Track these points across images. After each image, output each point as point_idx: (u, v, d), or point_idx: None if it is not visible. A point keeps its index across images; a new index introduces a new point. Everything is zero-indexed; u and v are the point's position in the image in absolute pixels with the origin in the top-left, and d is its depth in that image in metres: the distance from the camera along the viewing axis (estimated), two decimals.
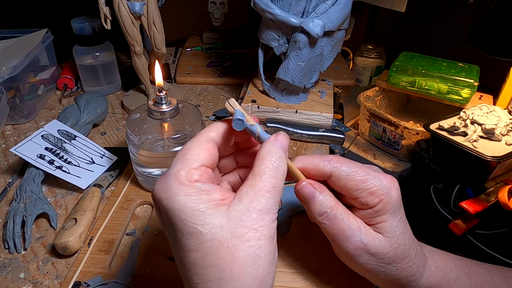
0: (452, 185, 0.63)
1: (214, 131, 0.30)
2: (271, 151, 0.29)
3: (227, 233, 0.25)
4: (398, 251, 0.32)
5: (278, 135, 0.30)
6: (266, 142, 0.30)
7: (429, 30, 1.06)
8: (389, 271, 0.33)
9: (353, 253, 0.32)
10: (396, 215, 0.33)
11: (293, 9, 0.54)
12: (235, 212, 0.26)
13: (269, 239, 0.26)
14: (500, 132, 0.61)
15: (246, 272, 0.25)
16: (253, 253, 0.25)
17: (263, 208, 0.27)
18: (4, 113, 0.63)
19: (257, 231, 0.26)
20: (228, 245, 0.25)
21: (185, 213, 0.26)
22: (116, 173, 0.56)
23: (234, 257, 0.25)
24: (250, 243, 0.25)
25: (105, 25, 0.62)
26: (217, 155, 0.30)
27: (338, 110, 0.80)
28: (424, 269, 0.35)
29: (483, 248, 0.57)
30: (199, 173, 0.27)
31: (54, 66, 0.81)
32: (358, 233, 0.32)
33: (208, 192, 0.27)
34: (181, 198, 0.26)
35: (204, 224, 0.25)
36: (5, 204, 0.52)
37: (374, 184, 0.32)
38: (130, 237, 0.46)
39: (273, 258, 0.27)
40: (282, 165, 0.29)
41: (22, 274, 0.42)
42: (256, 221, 0.26)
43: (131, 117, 0.48)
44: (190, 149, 0.29)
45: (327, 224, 0.32)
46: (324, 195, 0.33)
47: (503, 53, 0.69)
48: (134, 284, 0.40)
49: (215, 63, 0.89)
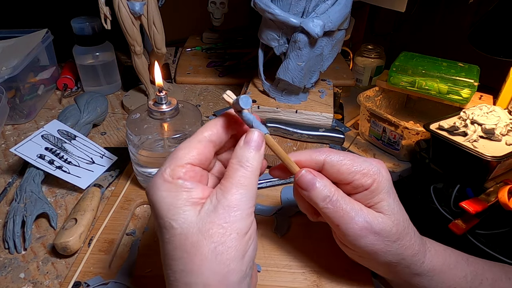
0: (452, 185, 0.63)
1: (208, 130, 0.31)
2: (237, 155, 0.30)
3: (194, 228, 0.27)
4: (399, 228, 0.34)
5: (248, 135, 0.31)
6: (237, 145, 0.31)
7: (429, 30, 1.06)
8: (394, 249, 0.33)
9: (359, 234, 0.33)
10: (390, 193, 0.34)
11: (293, 9, 0.54)
12: (205, 210, 0.28)
13: (235, 235, 0.27)
14: (500, 132, 0.61)
15: (205, 266, 0.26)
16: (214, 248, 0.26)
17: (230, 204, 0.28)
18: (4, 113, 0.63)
19: (222, 228, 0.27)
20: (193, 240, 0.27)
21: (163, 208, 0.28)
22: (116, 173, 0.56)
23: (197, 251, 0.26)
24: (212, 239, 0.27)
25: (105, 25, 0.62)
26: (209, 154, 0.31)
27: (338, 110, 0.80)
28: (425, 250, 0.36)
29: (483, 248, 0.57)
30: (184, 170, 0.29)
31: (54, 66, 0.81)
32: (361, 213, 0.33)
33: (188, 189, 0.28)
34: (162, 193, 0.28)
35: (177, 219, 0.27)
36: (5, 204, 0.52)
37: (365, 166, 0.34)
38: (130, 237, 0.46)
39: (242, 254, 0.27)
40: (250, 163, 0.30)
41: (22, 274, 0.42)
42: (222, 218, 0.27)
43: (131, 117, 0.48)
44: (180, 149, 0.30)
45: (331, 208, 0.33)
46: (323, 181, 0.34)
47: (503, 53, 0.69)
48: (134, 284, 0.40)
49: (215, 63, 0.89)
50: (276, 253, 0.44)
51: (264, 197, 0.53)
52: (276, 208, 0.50)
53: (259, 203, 0.51)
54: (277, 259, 0.43)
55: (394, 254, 0.34)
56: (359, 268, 0.41)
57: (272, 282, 0.41)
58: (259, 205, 0.51)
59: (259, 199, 0.52)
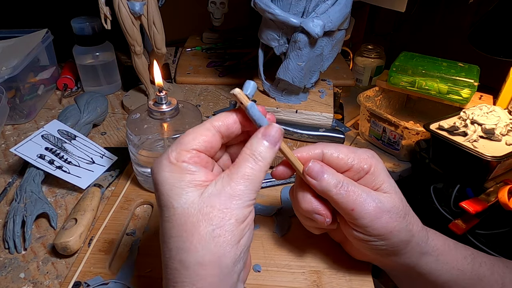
0: (452, 185, 0.63)
1: (219, 121, 0.32)
2: (252, 144, 0.31)
3: (195, 209, 0.28)
4: (403, 204, 0.36)
5: (268, 129, 0.31)
6: (254, 135, 0.31)
7: (429, 30, 1.06)
8: (405, 225, 0.35)
9: (374, 214, 0.34)
10: (388, 175, 0.36)
11: (293, 9, 0.54)
12: (208, 193, 0.28)
13: (233, 221, 0.28)
14: (500, 132, 0.61)
15: (201, 246, 0.27)
16: (212, 230, 0.27)
17: (233, 193, 0.29)
18: (4, 113, 0.63)
19: (222, 212, 0.28)
20: (193, 220, 0.28)
21: (165, 187, 0.29)
22: (116, 173, 0.56)
23: (196, 231, 0.27)
24: (212, 221, 0.28)
25: (105, 25, 0.62)
26: (216, 144, 0.32)
27: (338, 110, 0.80)
28: (426, 228, 0.37)
29: (483, 248, 0.57)
30: (190, 155, 0.30)
31: (54, 66, 0.81)
32: (372, 195, 0.34)
33: (192, 172, 0.29)
34: (165, 174, 0.29)
35: (179, 199, 0.28)
36: (5, 204, 0.52)
37: (359, 153, 0.36)
38: (130, 237, 0.46)
39: (237, 239, 0.28)
40: (263, 156, 0.30)
41: (22, 274, 0.42)
42: (224, 204, 0.28)
43: (131, 117, 0.48)
44: (188, 134, 0.31)
45: (343, 193, 0.34)
46: (331, 170, 0.35)
47: (503, 53, 0.69)
48: (134, 284, 0.40)
49: (215, 63, 0.89)
50: (276, 253, 0.44)
51: (264, 197, 0.52)
52: (276, 208, 0.50)
53: (259, 203, 0.51)
54: (277, 259, 0.43)
55: (406, 230, 0.35)
56: (359, 268, 0.41)
57: (272, 282, 0.41)
58: (259, 205, 0.51)
59: (259, 199, 0.52)
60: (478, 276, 0.37)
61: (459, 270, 0.37)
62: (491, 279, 0.38)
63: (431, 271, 0.37)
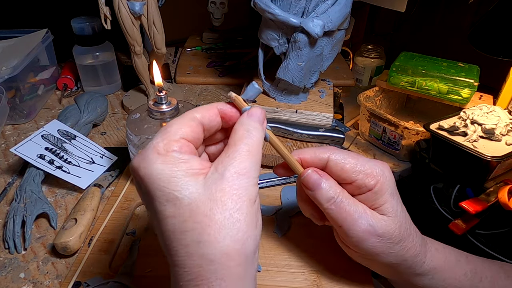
0: (452, 185, 0.63)
1: (199, 112, 0.30)
2: (243, 122, 0.30)
3: (204, 197, 0.25)
4: (402, 230, 0.34)
5: (251, 110, 0.31)
6: (240, 117, 0.31)
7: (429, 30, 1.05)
8: (396, 251, 0.33)
9: (361, 236, 0.33)
10: (393, 195, 0.34)
11: (293, 9, 0.54)
12: (211, 179, 0.26)
13: (247, 201, 0.26)
14: (500, 132, 0.61)
15: (224, 234, 0.25)
16: (229, 216, 0.25)
17: (240, 171, 0.27)
18: (4, 113, 0.63)
19: (234, 194, 0.26)
20: (205, 209, 0.25)
21: (162, 180, 0.26)
22: (116, 173, 0.56)
23: (211, 220, 0.25)
24: (226, 206, 0.25)
25: (105, 25, 0.62)
26: (201, 134, 0.30)
27: (338, 110, 0.80)
28: (426, 250, 0.36)
29: (483, 248, 0.57)
30: (179, 145, 0.27)
31: (54, 66, 0.81)
32: (364, 216, 0.33)
33: (186, 161, 0.27)
34: (159, 166, 0.26)
35: (181, 189, 0.26)
36: (5, 204, 0.52)
37: (368, 167, 0.34)
38: (130, 237, 0.46)
39: (255, 221, 0.26)
40: (256, 133, 0.29)
41: (22, 274, 0.42)
42: (232, 184, 0.26)
43: (131, 117, 0.48)
44: (172, 124, 0.29)
45: (334, 209, 0.33)
46: (329, 182, 0.34)
47: (503, 53, 0.68)
48: (134, 284, 0.40)
49: (215, 63, 0.89)
50: (276, 253, 0.44)
51: (264, 197, 0.52)
52: (276, 208, 0.50)
53: None
54: (277, 259, 0.43)
55: (396, 255, 0.34)
56: (359, 268, 0.41)
57: (272, 282, 0.41)
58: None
59: (259, 199, 0.52)
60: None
61: (456, 286, 0.36)
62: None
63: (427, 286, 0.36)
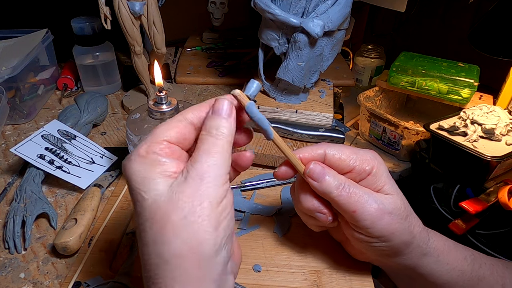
0: (452, 185, 0.63)
1: (190, 112, 0.31)
2: (207, 123, 0.30)
3: (165, 199, 0.27)
4: (406, 205, 0.36)
5: (216, 104, 0.30)
6: (206, 116, 0.31)
7: (429, 30, 1.05)
8: (406, 227, 0.35)
9: (375, 215, 0.34)
10: (390, 177, 0.37)
11: (293, 9, 0.54)
12: (176, 182, 0.27)
13: (208, 206, 0.27)
14: (500, 132, 0.61)
15: (175, 235, 0.26)
16: (184, 218, 0.26)
17: (201, 173, 0.27)
18: (4, 113, 0.63)
19: (192, 197, 0.26)
20: (163, 210, 0.26)
21: (136, 180, 0.28)
22: (116, 173, 0.56)
23: (167, 221, 0.26)
24: (183, 208, 0.26)
25: (105, 25, 0.62)
26: (189, 135, 0.31)
27: (338, 110, 0.80)
28: (427, 229, 0.37)
29: (483, 248, 0.57)
30: (161, 147, 0.29)
31: (54, 66, 0.81)
32: (373, 196, 0.35)
33: (162, 163, 0.28)
34: (135, 166, 0.28)
35: (149, 190, 0.27)
36: (5, 204, 0.52)
37: (362, 154, 0.36)
38: (130, 237, 0.46)
39: (213, 226, 0.27)
40: (218, 129, 0.29)
41: (22, 274, 0.42)
42: (192, 187, 0.27)
43: (131, 117, 0.48)
44: (159, 127, 0.30)
45: (344, 195, 0.34)
46: (332, 171, 0.35)
47: (503, 53, 0.68)
48: (134, 284, 0.40)
49: (215, 63, 0.89)
50: (276, 253, 0.44)
51: (264, 197, 0.52)
52: (276, 208, 0.50)
53: (259, 203, 0.51)
54: (277, 259, 0.43)
55: (407, 232, 0.35)
56: (359, 268, 0.42)
57: (272, 282, 0.41)
58: (259, 205, 0.51)
59: (259, 199, 0.52)
60: (478, 277, 0.37)
61: (459, 271, 0.37)
62: (491, 279, 0.38)
63: (431, 272, 0.37)
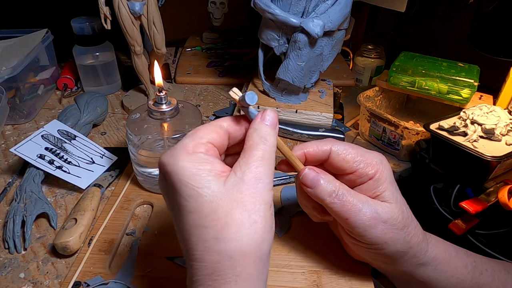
0: (452, 185, 0.63)
1: (226, 121, 0.33)
2: (257, 128, 0.31)
3: (225, 197, 0.27)
4: (404, 216, 0.35)
5: (265, 112, 0.32)
6: (253, 120, 0.32)
7: (429, 30, 1.05)
8: (402, 237, 0.34)
9: (368, 224, 0.33)
10: (392, 183, 0.36)
11: (293, 9, 0.54)
12: (231, 182, 0.28)
13: (264, 205, 0.28)
14: (500, 132, 0.61)
15: (243, 233, 0.26)
16: (248, 217, 0.27)
17: (256, 175, 0.29)
18: (4, 113, 0.63)
19: (252, 197, 0.28)
20: (225, 207, 0.27)
21: (187, 176, 0.28)
22: (116, 173, 0.56)
23: (231, 219, 0.27)
24: (246, 207, 0.27)
25: (105, 25, 0.62)
26: (226, 142, 0.32)
27: (338, 110, 0.80)
28: (427, 239, 0.37)
29: (483, 248, 0.57)
30: (206, 147, 0.30)
31: (54, 66, 0.81)
32: (367, 204, 0.34)
33: (211, 162, 0.29)
34: (185, 163, 0.28)
35: (204, 187, 0.27)
36: (5, 204, 0.52)
37: (368, 156, 0.35)
38: (130, 237, 0.46)
39: (270, 225, 0.28)
40: (269, 138, 0.31)
41: (22, 274, 0.42)
42: (251, 187, 0.28)
43: (131, 117, 0.48)
44: (200, 129, 0.31)
45: (338, 202, 0.34)
46: (327, 177, 0.35)
47: (503, 53, 0.68)
48: (134, 284, 0.40)
49: (215, 63, 0.89)
50: (276, 253, 0.44)
51: None
52: (276, 208, 0.50)
53: None
54: (277, 259, 0.43)
55: (403, 242, 0.34)
56: (359, 268, 0.41)
57: (272, 282, 0.41)
58: None
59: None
60: (478, 284, 0.37)
61: (459, 278, 0.37)
62: (491, 286, 0.37)
63: (429, 279, 0.37)
